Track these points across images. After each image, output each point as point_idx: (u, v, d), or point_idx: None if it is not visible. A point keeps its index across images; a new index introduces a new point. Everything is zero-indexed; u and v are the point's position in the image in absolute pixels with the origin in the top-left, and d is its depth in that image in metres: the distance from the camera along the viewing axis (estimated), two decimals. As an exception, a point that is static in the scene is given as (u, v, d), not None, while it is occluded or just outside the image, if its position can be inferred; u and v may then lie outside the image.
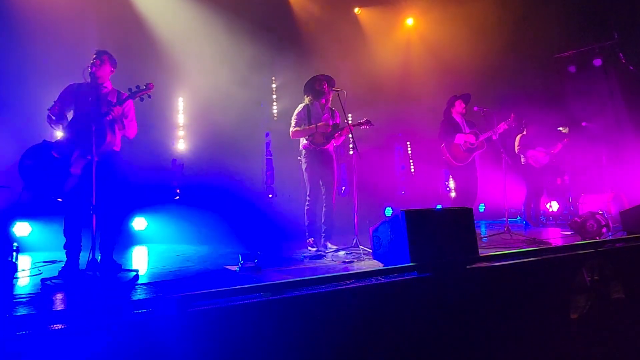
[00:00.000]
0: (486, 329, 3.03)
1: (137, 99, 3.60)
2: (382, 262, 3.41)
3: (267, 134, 7.84)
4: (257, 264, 3.52)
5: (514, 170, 7.09)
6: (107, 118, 3.51)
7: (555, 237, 5.56)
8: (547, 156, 7.30)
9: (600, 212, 5.07)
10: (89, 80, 3.58)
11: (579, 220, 5.01)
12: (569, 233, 5.45)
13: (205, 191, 6.55)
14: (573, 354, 3.44)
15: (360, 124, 4.72)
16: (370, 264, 3.66)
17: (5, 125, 5.23)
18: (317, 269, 3.66)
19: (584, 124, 7.73)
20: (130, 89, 3.58)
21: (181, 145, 7.12)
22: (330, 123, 4.81)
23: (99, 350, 1.94)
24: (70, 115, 3.61)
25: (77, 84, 3.67)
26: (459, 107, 5.69)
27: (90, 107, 3.47)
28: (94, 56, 3.67)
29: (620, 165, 8.22)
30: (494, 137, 5.56)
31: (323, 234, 4.74)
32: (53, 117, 3.55)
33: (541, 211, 7.60)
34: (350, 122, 5.04)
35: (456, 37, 8.35)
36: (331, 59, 7.53)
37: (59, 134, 3.72)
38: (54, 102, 3.61)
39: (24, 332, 1.86)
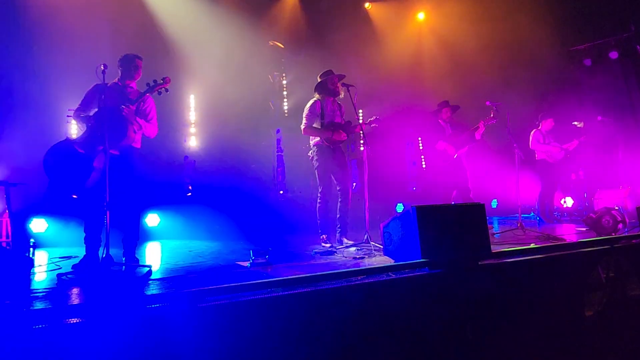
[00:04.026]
0: (498, 325, 3.01)
1: (155, 93, 3.65)
2: (393, 258, 3.39)
3: (278, 131, 7.86)
4: (268, 260, 3.54)
5: (528, 165, 7.00)
6: (122, 113, 3.56)
7: (570, 233, 5.47)
8: (561, 152, 7.18)
9: (616, 208, 4.98)
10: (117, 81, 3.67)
11: (594, 216, 4.93)
12: (584, 229, 5.35)
13: (217, 188, 6.60)
14: (588, 352, 3.39)
15: (370, 123, 4.70)
16: (381, 260, 3.64)
17: (23, 124, 5.32)
18: (327, 265, 3.67)
19: (599, 118, 7.55)
20: (148, 84, 3.64)
21: (193, 142, 7.18)
22: (340, 120, 4.79)
23: (113, 343, 1.97)
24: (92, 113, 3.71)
25: (103, 84, 3.70)
26: (445, 114, 5.90)
27: (112, 104, 3.54)
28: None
29: (637, 160, 8.05)
30: (477, 137, 5.66)
31: (339, 229, 4.67)
32: (81, 115, 3.70)
33: (555, 207, 7.48)
34: (360, 118, 5.03)
35: (468, 31, 8.25)
36: (342, 55, 7.51)
37: (73, 130, 3.80)
38: (82, 101, 3.75)
39: (40, 326, 1.90)
